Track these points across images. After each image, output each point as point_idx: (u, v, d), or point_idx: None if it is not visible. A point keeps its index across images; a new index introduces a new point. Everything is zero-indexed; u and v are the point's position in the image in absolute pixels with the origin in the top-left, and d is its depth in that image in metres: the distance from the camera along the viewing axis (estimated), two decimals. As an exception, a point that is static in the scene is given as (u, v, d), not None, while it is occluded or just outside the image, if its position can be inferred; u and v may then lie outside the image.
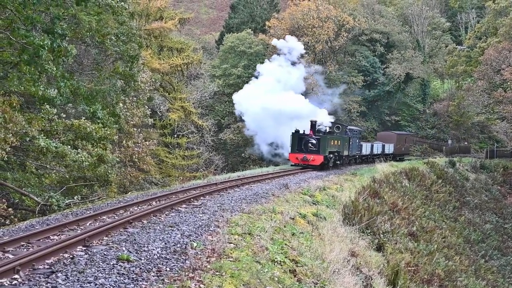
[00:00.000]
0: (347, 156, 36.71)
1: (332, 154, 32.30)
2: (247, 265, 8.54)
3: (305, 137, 30.77)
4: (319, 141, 30.40)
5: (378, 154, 44.97)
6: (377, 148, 45.31)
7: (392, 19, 61.32)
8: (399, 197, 26.93)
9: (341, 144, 33.87)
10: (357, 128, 43.41)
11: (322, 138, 30.64)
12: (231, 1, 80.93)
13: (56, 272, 6.95)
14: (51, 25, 16.03)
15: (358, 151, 40.01)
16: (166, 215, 12.15)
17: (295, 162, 30.94)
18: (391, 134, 51.01)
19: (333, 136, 32.76)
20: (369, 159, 43.60)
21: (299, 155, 30.49)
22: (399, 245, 19.06)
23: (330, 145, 31.39)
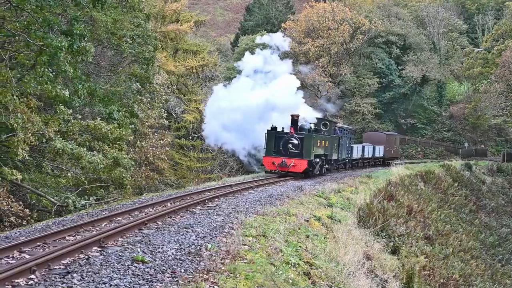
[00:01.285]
0: (336, 160, 31.10)
1: (319, 158, 26.60)
2: (261, 267, 8.52)
3: (284, 136, 24.73)
4: (302, 141, 24.53)
5: (369, 157, 40.58)
6: (368, 150, 40.10)
7: (408, 21, 60.97)
8: (414, 200, 26.74)
9: (330, 145, 28.32)
10: (348, 127, 37.71)
11: (306, 137, 24.63)
12: (246, 3, 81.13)
13: (71, 272, 6.99)
14: (69, 26, 16.17)
15: (349, 154, 34.61)
16: (180, 217, 12.18)
17: (271, 168, 24.80)
18: (380, 135, 45.63)
19: (320, 136, 26.87)
20: (359, 163, 38.51)
21: (276, 159, 24.21)
22: (415, 248, 18.93)
23: (316, 146, 25.73)
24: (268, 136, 24.99)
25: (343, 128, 33.63)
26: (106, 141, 20.68)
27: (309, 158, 24.59)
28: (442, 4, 68.94)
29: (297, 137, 24.57)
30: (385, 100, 58.54)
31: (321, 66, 53.13)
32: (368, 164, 40.98)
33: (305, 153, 24.39)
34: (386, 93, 58.45)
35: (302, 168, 24.16)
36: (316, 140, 25.52)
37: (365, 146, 39.63)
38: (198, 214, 12.65)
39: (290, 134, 24.63)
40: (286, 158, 24.13)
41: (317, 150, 25.82)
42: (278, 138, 24.69)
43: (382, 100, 58.12)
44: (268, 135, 24.98)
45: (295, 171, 24.21)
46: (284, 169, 24.22)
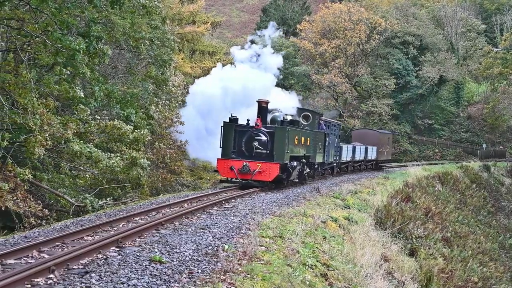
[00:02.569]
0: (321, 164, 25.16)
1: (297, 161, 20.28)
2: (278, 268, 8.52)
3: (247, 131, 18.83)
4: (272, 137, 18.67)
5: (360, 160, 34.36)
6: (359, 152, 33.63)
7: (425, 21, 60.56)
8: (432, 201, 26.55)
9: (312, 144, 22.32)
10: (336, 121, 31.70)
11: (278, 132, 18.72)
12: (262, 4, 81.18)
13: (90, 272, 7.04)
14: (86, 28, 16.30)
15: (337, 156, 28.48)
16: (197, 217, 12.21)
17: (228, 176, 18.76)
18: (372, 134, 39.25)
19: (298, 130, 20.60)
20: (349, 167, 32.62)
21: (235, 163, 18.34)
22: (432, 250, 18.79)
23: (293, 144, 19.63)
24: (224, 130, 18.95)
25: (330, 122, 27.27)
26: (123, 142, 20.83)
27: (282, 161, 18.55)
28: (460, 4, 68.34)
29: (266, 131, 18.76)
30: (402, 101, 58.15)
31: (337, 67, 52.96)
32: (359, 168, 35.27)
33: (276, 154, 18.47)
34: (403, 94, 58.06)
35: (272, 176, 18.13)
36: (293, 136, 19.37)
37: (356, 146, 33.18)
38: (214, 215, 12.68)
39: (256, 128, 18.74)
40: (250, 161, 18.24)
41: (294, 149, 19.75)
42: (239, 133, 18.83)
43: (399, 101, 57.74)
44: (224, 129, 18.94)
45: (262, 179, 18.19)
46: (247, 176, 18.19)
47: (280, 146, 18.58)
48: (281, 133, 18.70)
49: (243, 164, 18.18)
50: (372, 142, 37.01)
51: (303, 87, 59.01)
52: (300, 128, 21.44)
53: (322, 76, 52.95)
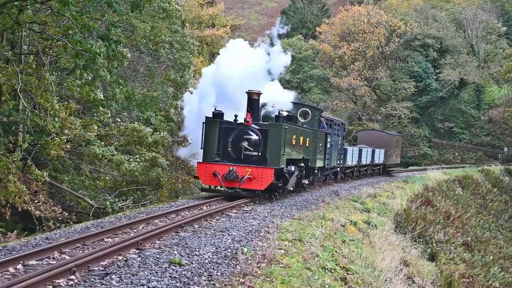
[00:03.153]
0: (322, 169, 21.90)
1: (295, 165, 17.11)
2: (297, 271, 8.49)
3: (235, 128, 15.96)
4: (265, 136, 15.65)
5: (367, 164, 31.13)
6: (366, 155, 30.50)
7: (445, 23, 60.10)
8: (452, 205, 26.30)
9: (312, 145, 19.29)
10: (339, 120, 28.26)
11: (273, 129, 15.60)
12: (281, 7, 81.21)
13: (110, 274, 7.08)
14: (106, 31, 16.47)
15: (341, 159, 25.17)
16: (216, 220, 12.23)
17: (211, 184, 15.87)
18: (381, 135, 36.12)
19: (296, 128, 17.37)
20: (355, 173, 29.44)
21: (219, 168, 15.39)
22: (453, 255, 18.60)
23: (290, 145, 16.50)
24: (206, 127, 15.96)
25: (332, 120, 23.90)
26: (143, 145, 20.96)
27: (278, 166, 15.41)
28: (480, 6, 67.70)
29: (257, 129, 15.81)
30: (421, 104, 57.76)
31: (356, 69, 52.79)
32: (365, 173, 31.97)
33: (270, 157, 15.44)
34: (422, 97, 57.67)
35: (265, 183, 15.10)
36: (290, 135, 16.32)
37: (363, 149, 30.03)
38: (233, 218, 12.68)
39: (245, 125, 15.73)
40: (238, 165, 15.25)
41: (291, 152, 16.66)
42: (225, 131, 15.96)
43: (418, 104, 57.36)
44: (206, 126, 15.96)
45: (253, 188, 15.23)
46: (234, 184, 15.20)
47: (274, 147, 15.46)
48: (276, 131, 15.46)
49: (229, 169, 15.13)
50: (380, 144, 33.95)
51: (322, 90, 58.88)
52: (298, 125, 18.15)
53: (341, 79, 52.84)
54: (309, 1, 69.00)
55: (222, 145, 16.08)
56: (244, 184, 15.18)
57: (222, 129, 16.05)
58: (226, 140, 15.96)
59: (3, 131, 17.09)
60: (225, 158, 15.96)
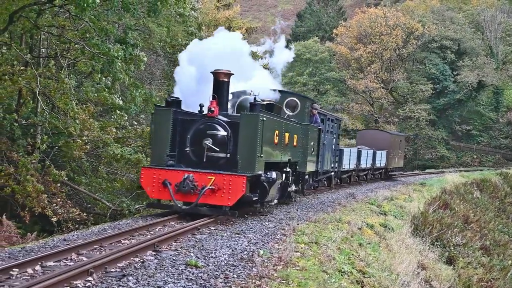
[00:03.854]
0: (314, 173, 18.16)
1: (277, 172, 13.21)
2: (313, 274, 8.47)
3: (196, 121, 12.48)
4: (236, 131, 12.10)
5: (367, 168, 27.92)
6: (366, 157, 27.08)
7: (463, 25, 59.66)
8: (470, 208, 26.06)
9: (302, 144, 15.77)
10: (334, 115, 24.21)
11: (246, 122, 11.98)
12: (298, 9, 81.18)
13: (127, 275, 7.12)
14: (123, 35, 16.62)
15: (335, 162, 21.56)
16: (232, 222, 12.24)
17: (159, 197, 12.19)
18: (383, 135, 32.61)
19: (279, 121, 13.51)
20: (352, 178, 26.25)
21: (172, 174, 11.83)
22: (471, 259, 18.43)
23: (271, 144, 12.86)
24: (156, 119, 12.61)
25: (325, 115, 20.06)
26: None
27: (252, 171, 11.80)
28: (499, 8, 67.07)
29: (226, 122, 12.28)
30: (439, 106, 57.34)
31: (373, 72, 52.58)
32: (365, 178, 28.70)
33: (242, 160, 11.80)
34: (440, 99, 57.25)
35: (234, 197, 11.45)
36: (270, 130, 12.58)
37: (362, 150, 26.53)
38: (250, 220, 12.68)
39: (210, 117, 12.14)
40: (197, 171, 11.69)
41: (272, 152, 12.98)
42: (182, 125, 12.50)
43: (436, 106, 56.95)
44: (156, 118, 12.62)
45: (218, 203, 11.62)
46: (190, 198, 11.54)
47: (248, 146, 11.75)
48: (250, 124, 11.78)
49: (184, 177, 11.45)
50: (382, 145, 30.47)
51: (338, 93, 58.75)
52: (282, 118, 14.20)
53: (358, 81, 52.67)
54: (325, 3, 68.91)
55: (179, 143, 12.43)
56: (205, 197, 11.42)
57: (178, 122, 12.46)
58: (184, 136, 12.31)
59: (21, 133, 17.30)
60: (182, 162, 12.35)
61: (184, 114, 12.88)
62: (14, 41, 17.19)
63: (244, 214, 12.84)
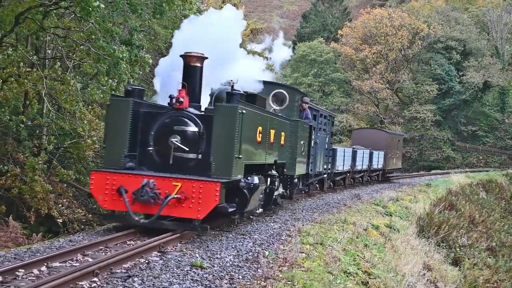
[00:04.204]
0: (305, 176, 16.40)
1: (259, 176, 11.39)
2: (319, 275, 8.47)
3: (161, 114, 10.53)
4: (209, 126, 10.06)
5: (363, 170, 26.42)
6: (362, 158, 25.59)
7: (469, 26, 59.51)
8: (476, 209, 25.98)
9: (290, 143, 14.05)
10: (328, 111, 22.42)
11: (221, 115, 9.91)
12: (303, 10, 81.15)
13: (132, 276, 7.13)
14: (129, 36, 16.66)
15: (328, 163, 20.08)
16: (237, 223, 12.24)
17: (112, 208, 10.01)
18: (380, 134, 31.04)
19: (262, 116, 11.49)
20: (347, 180, 24.65)
21: (129, 180, 9.71)
22: (477, 260, 18.38)
23: (253, 143, 10.95)
24: (111, 112, 10.66)
25: (317, 111, 18.46)
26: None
27: (229, 176, 9.88)
28: (505, 8, 66.86)
29: (197, 115, 10.40)
30: (444, 107, 57.20)
31: (378, 72, 52.52)
32: (361, 180, 27.19)
33: (217, 162, 9.88)
34: (445, 100, 57.11)
35: (205, 208, 9.44)
36: (252, 126, 10.77)
37: (358, 150, 24.94)
38: (255, 221, 12.69)
39: (178, 109, 10.29)
40: (158, 176, 9.74)
41: (255, 152, 11.09)
42: (145, 119, 10.58)
43: (441, 107, 56.81)
44: (111, 110, 10.62)
45: (185, 216, 9.61)
46: (152, 209, 9.57)
47: (224, 144, 9.81)
48: (226, 117, 9.81)
49: (142, 183, 9.46)
50: (379, 145, 28.94)
51: (344, 94, 58.71)
52: (267, 112, 12.15)
53: (363, 82, 52.60)
54: (330, 4, 68.86)
55: (140, 142, 10.47)
56: (169, 208, 9.42)
57: (140, 116, 10.47)
58: (146, 133, 10.36)
59: (27, 134, 17.36)
60: (144, 164, 10.39)
61: (147, 106, 10.85)
62: (20, 42, 17.26)
63: (218, 227, 11.12)
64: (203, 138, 10.18)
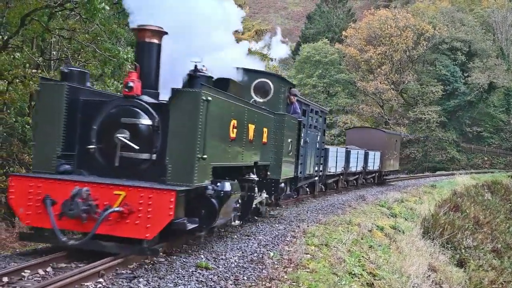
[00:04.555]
0: (293, 180, 14.02)
1: (231, 182, 8.83)
2: (324, 276, 8.46)
3: (105, 103, 8.20)
4: (166, 118, 7.79)
5: (358, 172, 24.73)
6: (356, 159, 23.91)
7: (474, 27, 59.42)
8: (481, 211, 25.92)
9: (275, 141, 12.06)
10: (319, 106, 19.85)
11: (180, 103, 7.64)
12: (307, 11, 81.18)
13: (137, 277, 7.14)
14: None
15: (320, 164, 18.52)
16: (242, 224, 12.25)
17: (36, 224, 7.53)
18: (377, 134, 29.28)
19: (237, 106, 9.14)
20: (341, 183, 22.91)
21: (58, 187, 7.42)
22: (482, 261, 18.33)
23: (225, 139, 8.74)
24: (41, 100, 8.52)
25: (308, 105, 16.65)
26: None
27: (189, 182, 7.63)
28: (510, 9, 66.72)
29: (152, 104, 8.15)
30: (449, 108, 57.10)
31: (383, 73, 52.48)
32: (355, 183, 25.48)
33: (174, 165, 7.70)
34: (450, 101, 57.02)
35: (155, 226, 7.26)
36: (222, 118, 8.63)
37: (352, 151, 23.28)
38: (259, 222, 12.69)
39: (127, 96, 8.08)
40: (96, 183, 7.48)
41: (227, 151, 9.00)
42: (85, 108, 8.40)
43: (446, 108, 56.73)
44: (42, 96, 8.40)
45: (130, 235, 7.32)
46: (84, 226, 7.35)
47: (183, 141, 7.74)
48: (185, 106, 7.73)
49: (73, 192, 7.34)
50: (375, 145, 27.24)
51: (348, 95, 58.69)
52: (244, 102, 9.94)
53: (368, 83, 52.57)
54: (334, 5, 68.85)
55: (79, 138, 8.36)
56: (109, 225, 7.29)
57: (79, 105, 8.35)
58: (87, 127, 8.20)
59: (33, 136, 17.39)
60: (84, 167, 8.28)
61: (90, 93, 8.63)
62: (25, 44, 17.31)
63: (176, 247, 8.94)
64: (158, 133, 7.92)
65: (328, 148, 20.09)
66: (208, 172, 8.11)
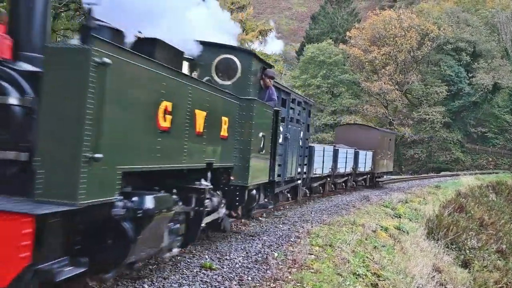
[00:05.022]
0: (270, 185, 11.16)
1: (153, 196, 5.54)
2: (328, 277, 8.46)
3: None
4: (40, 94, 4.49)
5: (348, 173, 22.25)
6: (345, 159, 21.29)
7: (478, 27, 59.32)
8: (485, 211, 25.87)
9: (237, 135, 8.65)
10: (301, 96, 16.61)
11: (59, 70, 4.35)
12: (311, 12, 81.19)
13: (142, 277, 7.15)
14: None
15: (304, 164, 16.17)
16: (247, 225, 12.25)
17: None
18: (367, 132, 26.94)
19: (171, 82, 5.80)
20: (328, 186, 20.34)
21: None
22: (487, 262, 18.29)
23: (147, 130, 5.43)
24: None
25: (289, 94, 13.88)
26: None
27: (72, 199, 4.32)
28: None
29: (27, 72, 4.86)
30: (454, 109, 57.01)
31: (387, 74, 52.43)
32: (344, 186, 23.14)
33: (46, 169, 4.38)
34: (455, 102, 56.94)
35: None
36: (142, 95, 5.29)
37: (340, 149, 20.63)
38: (264, 223, 12.69)
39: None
40: None
41: (154, 148, 5.63)
42: None
43: (451, 108, 56.63)
44: None
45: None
46: None
47: (61, 132, 4.45)
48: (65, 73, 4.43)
49: None
50: (367, 144, 25.02)
51: (353, 95, 58.67)
52: (184, 77, 6.46)
53: (372, 84, 52.54)
54: (339, 6, 68.84)
55: None
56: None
57: None
58: None
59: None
60: None
61: None
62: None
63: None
64: (33, 119, 4.81)
65: (313, 146, 17.33)
66: (112, 181, 5.00)
